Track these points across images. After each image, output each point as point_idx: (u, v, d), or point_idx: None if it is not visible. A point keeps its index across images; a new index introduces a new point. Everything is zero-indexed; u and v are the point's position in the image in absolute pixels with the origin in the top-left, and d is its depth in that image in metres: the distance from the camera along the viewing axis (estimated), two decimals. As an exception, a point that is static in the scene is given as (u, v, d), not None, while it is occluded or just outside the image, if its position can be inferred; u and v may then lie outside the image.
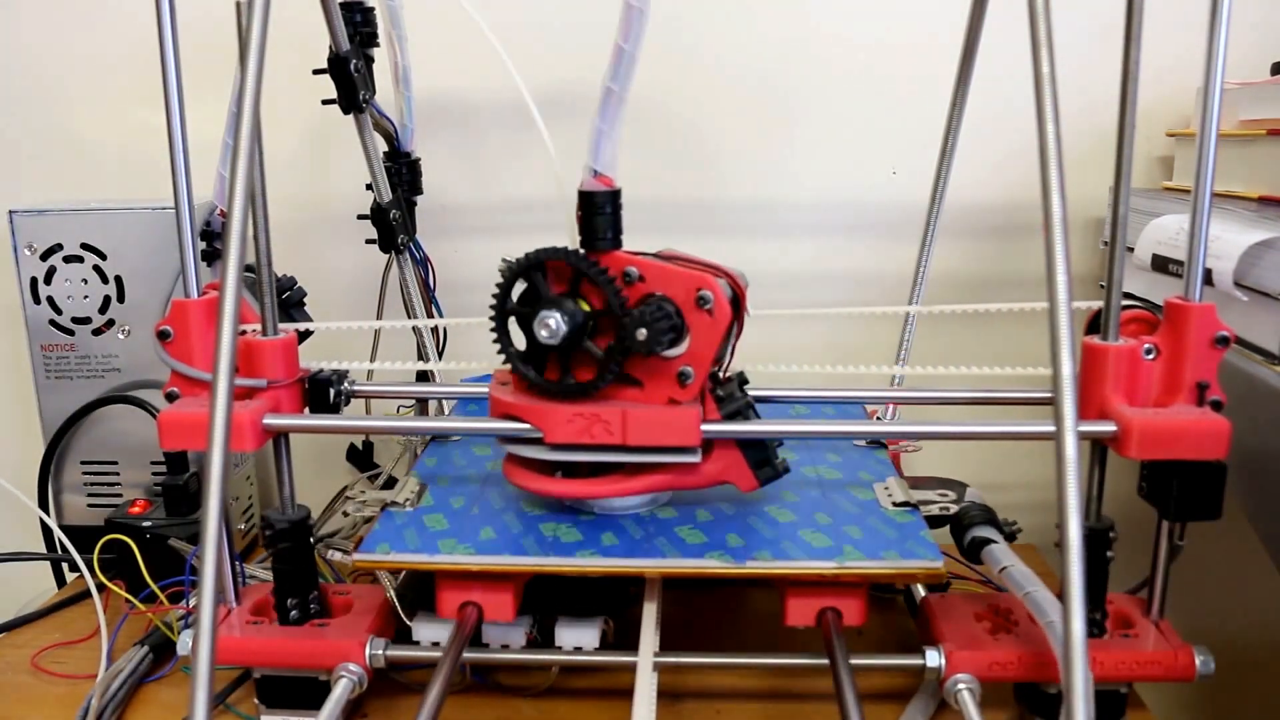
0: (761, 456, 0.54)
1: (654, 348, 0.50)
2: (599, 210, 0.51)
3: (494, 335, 0.54)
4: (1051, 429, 0.40)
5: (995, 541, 0.57)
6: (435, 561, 0.53)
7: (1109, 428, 0.49)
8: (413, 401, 0.75)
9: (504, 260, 0.53)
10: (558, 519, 0.57)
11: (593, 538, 0.54)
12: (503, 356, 0.54)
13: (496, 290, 0.54)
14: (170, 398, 0.54)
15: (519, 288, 0.54)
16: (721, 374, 0.55)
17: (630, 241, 0.53)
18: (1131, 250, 0.69)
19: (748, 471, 0.55)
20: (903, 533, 0.55)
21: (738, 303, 0.53)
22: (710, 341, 0.51)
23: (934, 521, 0.58)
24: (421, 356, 0.75)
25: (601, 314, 0.52)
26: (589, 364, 0.53)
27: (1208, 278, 0.58)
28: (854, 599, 0.53)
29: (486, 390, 0.67)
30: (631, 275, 0.52)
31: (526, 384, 0.54)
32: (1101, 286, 0.52)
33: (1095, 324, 0.52)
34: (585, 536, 0.54)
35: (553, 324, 0.51)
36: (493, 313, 0.54)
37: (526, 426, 0.53)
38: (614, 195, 0.52)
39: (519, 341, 0.54)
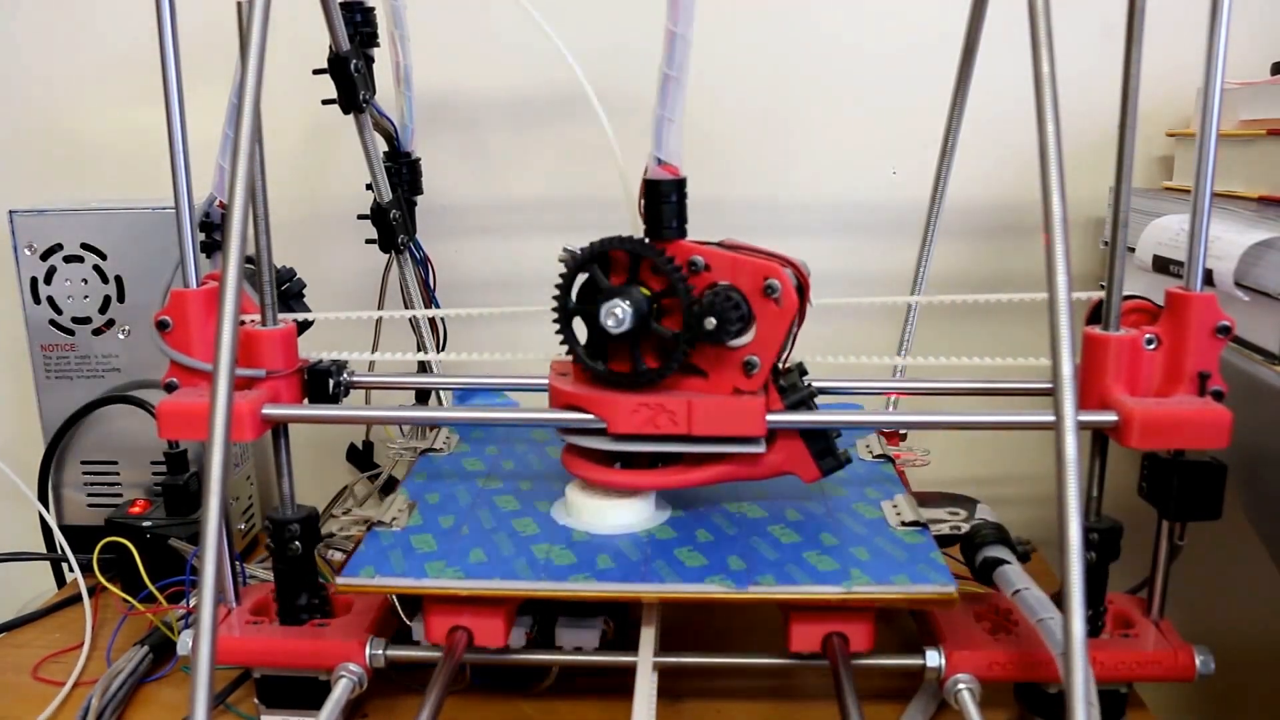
0: (824, 446, 0.54)
1: (723, 336, 0.50)
2: (665, 199, 0.51)
3: (556, 325, 0.54)
4: (1054, 418, 0.40)
5: (1008, 562, 0.55)
6: (422, 586, 0.51)
7: (1110, 417, 0.49)
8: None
9: (566, 250, 0.53)
10: (551, 540, 0.55)
11: (587, 560, 0.52)
12: (564, 346, 0.54)
13: (560, 280, 0.53)
14: (169, 388, 0.54)
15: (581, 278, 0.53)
16: (782, 364, 0.54)
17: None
18: (1132, 251, 0.69)
19: (810, 462, 0.54)
20: (913, 554, 0.53)
21: (802, 292, 0.53)
22: (777, 331, 0.51)
23: (944, 541, 0.57)
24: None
25: (663, 295, 0.52)
26: (653, 352, 0.53)
27: (1208, 278, 0.58)
28: (861, 624, 0.51)
29: (488, 383, 0.67)
30: (698, 264, 0.51)
31: (589, 374, 0.54)
32: (1102, 286, 0.52)
33: (1096, 314, 0.52)
34: (579, 559, 0.53)
35: (619, 313, 0.50)
36: (555, 303, 0.53)
37: (590, 417, 0.53)
38: (679, 184, 0.51)
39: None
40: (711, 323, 0.50)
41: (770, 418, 0.52)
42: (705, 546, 0.54)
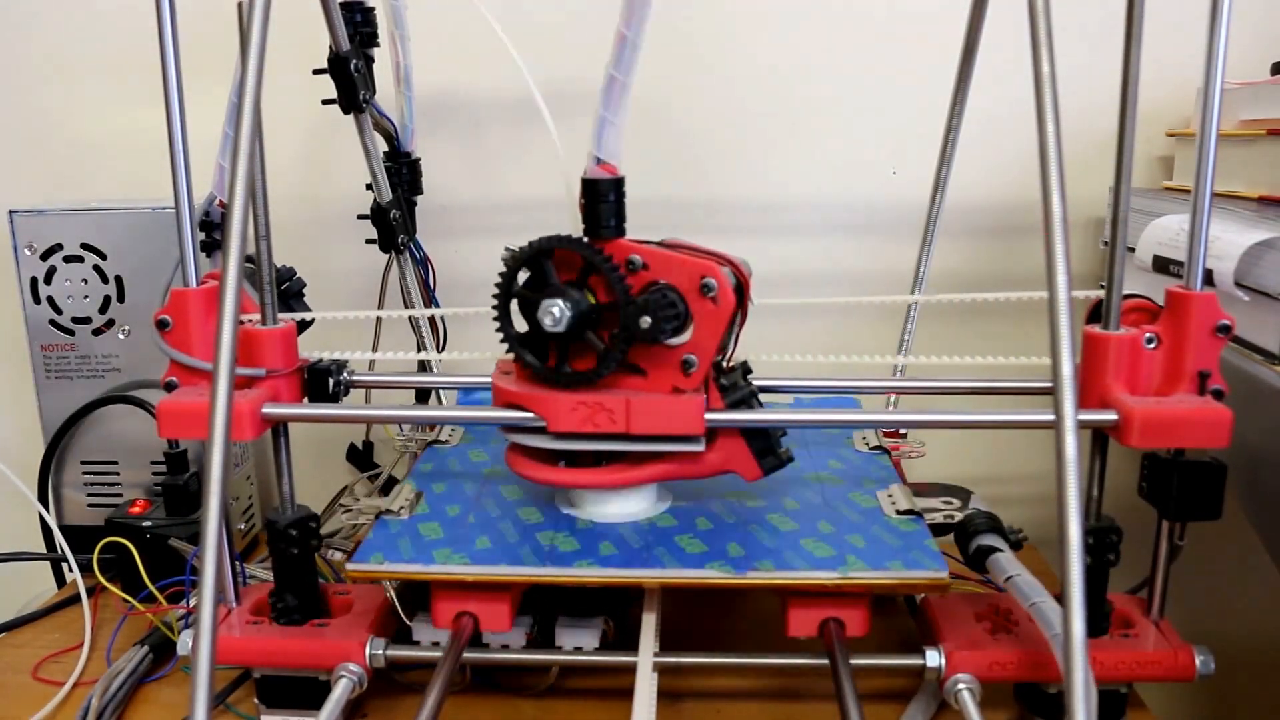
0: (765, 445, 0.54)
1: (658, 335, 0.50)
2: (602, 198, 0.51)
3: (496, 324, 0.54)
4: (1053, 417, 0.40)
5: (1000, 550, 0.55)
6: (430, 572, 0.52)
7: (1110, 416, 0.49)
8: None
9: (507, 249, 0.53)
10: (555, 528, 0.56)
11: (590, 547, 0.53)
12: (505, 346, 0.54)
13: (499, 279, 0.53)
14: (169, 387, 0.54)
15: (522, 276, 0.53)
16: (725, 363, 0.54)
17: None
18: (1132, 251, 0.69)
19: (751, 461, 0.54)
20: (907, 542, 0.54)
21: (741, 291, 0.53)
22: (714, 330, 0.51)
23: (938, 530, 0.57)
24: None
25: (601, 293, 0.52)
26: (592, 352, 0.53)
27: (1208, 278, 0.58)
28: (857, 609, 0.52)
29: (488, 382, 0.67)
30: (635, 263, 0.51)
31: (530, 373, 0.54)
32: (1102, 286, 0.52)
33: (1096, 313, 0.52)
34: (583, 546, 0.54)
35: (556, 312, 0.51)
36: (495, 301, 0.53)
37: (530, 415, 0.53)
38: (617, 183, 0.51)
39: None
40: (647, 321, 0.50)
41: (708, 416, 0.52)
42: (705, 534, 0.55)
